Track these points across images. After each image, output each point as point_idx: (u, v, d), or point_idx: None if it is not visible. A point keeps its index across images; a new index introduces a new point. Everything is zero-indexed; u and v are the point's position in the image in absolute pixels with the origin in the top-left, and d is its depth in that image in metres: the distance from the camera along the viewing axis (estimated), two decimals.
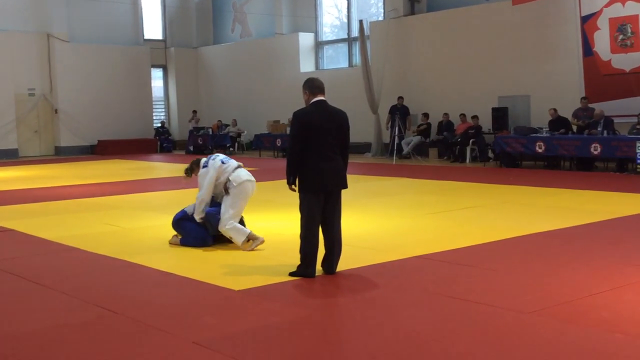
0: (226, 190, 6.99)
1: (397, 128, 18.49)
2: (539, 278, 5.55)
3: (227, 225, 6.92)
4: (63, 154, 23.66)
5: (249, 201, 7.23)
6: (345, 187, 5.88)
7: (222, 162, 7.09)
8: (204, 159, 7.27)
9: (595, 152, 14.05)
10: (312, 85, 5.84)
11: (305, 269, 5.72)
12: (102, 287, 5.68)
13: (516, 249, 6.79)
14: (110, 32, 25.03)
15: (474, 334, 4.25)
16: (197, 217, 7.06)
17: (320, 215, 5.75)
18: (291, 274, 5.75)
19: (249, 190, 7.08)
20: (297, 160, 5.73)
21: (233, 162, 7.17)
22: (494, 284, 5.41)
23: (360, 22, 20.18)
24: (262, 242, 6.97)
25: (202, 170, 7.13)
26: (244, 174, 7.10)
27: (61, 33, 23.76)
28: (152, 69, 26.29)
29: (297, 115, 5.80)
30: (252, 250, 6.86)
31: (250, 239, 6.94)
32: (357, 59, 21.77)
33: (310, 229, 5.72)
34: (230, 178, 6.98)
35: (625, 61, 15.38)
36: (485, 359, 3.83)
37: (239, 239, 6.91)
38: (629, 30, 15.28)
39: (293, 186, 5.82)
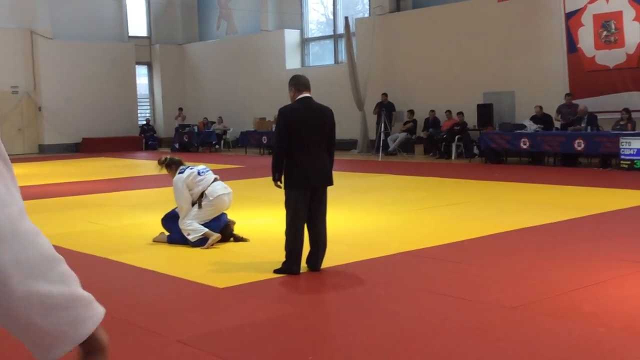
0: (199, 204, 6.93)
1: (382, 124, 18.52)
2: (523, 273, 5.58)
3: (187, 226, 6.87)
4: (47, 152, 23.50)
5: (235, 199, 7.21)
6: (331, 184, 5.88)
7: (199, 174, 7.01)
8: (182, 167, 7.15)
9: (579, 148, 14.15)
10: (298, 82, 5.85)
11: (290, 266, 5.71)
12: (85, 286, 5.61)
13: (500, 244, 6.82)
14: (94, 28, 24.87)
15: (458, 329, 4.26)
16: (185, 233, 6.94)
17: (306, 212, 5.75)
18: (276, 271, 5.74)
19: (225, 203, 7.07)
20: (282, 157, 5.75)
21: (210, 175, 7.12)
22: (478, 280, 5.44)
23: (346, 18, 20.17)
24: (218, 238, 6.90)
25: (177, 177, 6.99)
26: (220, 187, 7.06)
27: (45, 30, 23.58)
28: (136, 66, 26.16)
29: (283, 112, 5.80)
30: (208, 248, 6.80)
31: (206, 236, 6.87)
32: (343, 55, 21.76)
33: (296, 226, 5.72)
34: (206, 192, 6.94)
35: (609, 57, 15.47)
36: (470, 354, 3.84)
37: (196, 236, 6.85)
38: (613, 26, 15.37)
39: (279, 182, 5.82)
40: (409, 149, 18.74)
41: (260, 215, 8.84)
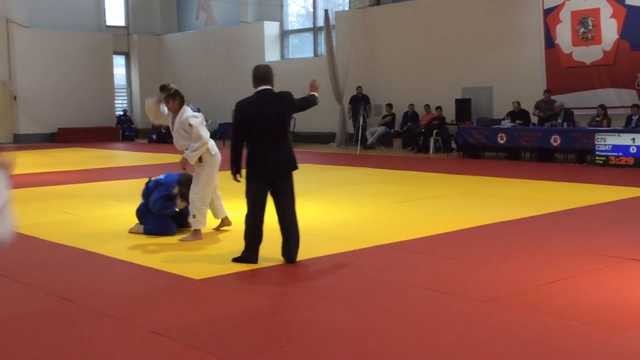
0: (200, 159, 6.82)
1: (361, 118, 18.54)
2: (498, 266, 5.62)
3: (199, 202, 6.76)
4: (22, 142, 23.21)
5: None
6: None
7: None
8: (191, 105, 7.04)
9: (555, 144, 14.27)
10: (256, 75, 5.88)
11: (248, 255, 5.77)
12: (60, 276, 5.60)
13: (476, 238, 6.86)
14: (71, 17, 24.58)
15: (432, 321, 4.29)
16: (192, 161, 6.80)
17: (264, 202, 5.78)
18: (235, 260, 5.80)
19: (219, 162, 7.02)
20: (239, 150, 5.80)
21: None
22: (453, 273, 5.47)
23: (326, 11, 20.15)
24: (199, 239, 6.87)
25: (197, 118, 6.83)
26: (214, 143, 7.02)
27: (21, 18, 23.26)
28: (114, 56, 25.91)
29: (238, 105, 5.86)
30: (184, 241, 6.81)
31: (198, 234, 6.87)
32: (322, 48, 21.74)
33: (253, 216, 5.75)
34: (209, 146, 6.85)
35: (586, 54, 15.61)
36: (444, 346, 3.87)
37: (197, 224, 6.81)
38: (590, 23, 15.51)
39: (238, 176, 5.83)
40: (387, 142, 18.79)
41: (237, 208, 8.79)
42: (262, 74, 5.83)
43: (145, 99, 7.08)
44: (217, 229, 7.31)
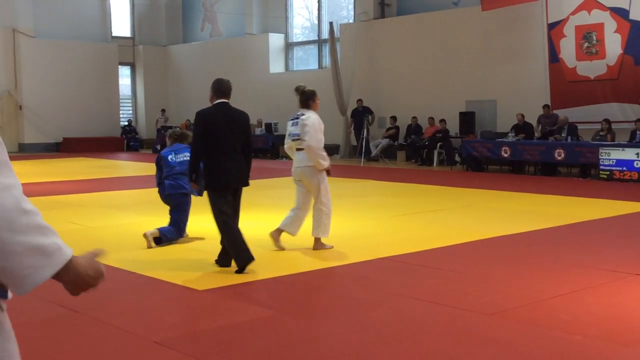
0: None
1: (365, 130, 18.57)
2: (502, 280, 5.61)
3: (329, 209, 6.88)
4: (27, 151, 23.28)
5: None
6: (247, 184, 6.03)
7: None
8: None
9: (559, 158, 14.27)
10: (217, 89, 6.06)
11: (243, 260, 5.76)
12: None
13: (480, 251, 6.85)
14: (77, 28, 24.71)
15: (436, 335, 4.28)
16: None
17: (231, 210, 5.89)
18: (238, 272, 5.80)
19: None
20: (199, 158, 5.92)
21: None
22: (457, 286, 5.46)
23: (331, 24, 20.22)
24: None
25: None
26: None
27: (27, 28, 23.39)
28: (119, 66, 26.02)
29: (200, 115, 6.00)
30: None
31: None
32: (327, 60, 21.81)
33: (227, 224, 5.83)
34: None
35: (590, 68, 15.63)
36: (448, 359, 3.86)
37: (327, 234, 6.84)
38: (594, 38, 15.54)
39: (195, 183, 6.02)
40: (391, 155, 18.80)
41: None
42: (225, 88, 6.06)
43: None
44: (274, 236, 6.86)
